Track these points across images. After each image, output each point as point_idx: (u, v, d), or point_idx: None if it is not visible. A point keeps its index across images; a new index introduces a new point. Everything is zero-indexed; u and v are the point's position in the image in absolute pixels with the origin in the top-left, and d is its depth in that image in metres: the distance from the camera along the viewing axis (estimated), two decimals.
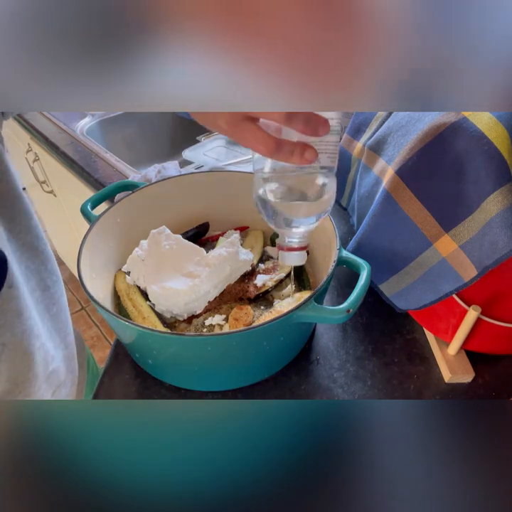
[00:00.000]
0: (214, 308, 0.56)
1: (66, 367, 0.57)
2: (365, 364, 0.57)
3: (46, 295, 0.51)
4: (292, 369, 0.56)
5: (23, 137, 1.27)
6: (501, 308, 0.50)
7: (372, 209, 0.56)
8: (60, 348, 0.55)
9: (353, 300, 0.44)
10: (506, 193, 0.43)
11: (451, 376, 0.54)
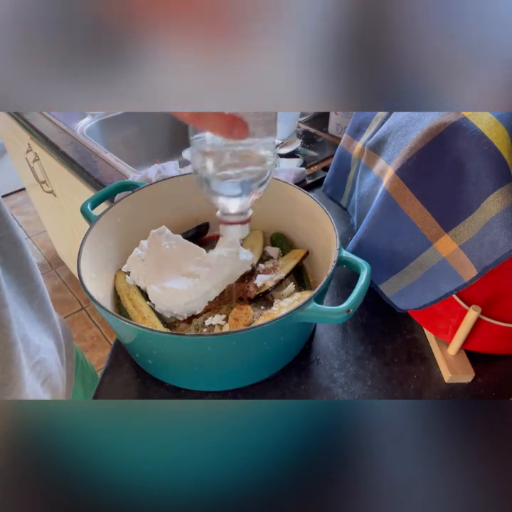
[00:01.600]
0: (214, 308, 0.56)
1: (54, 358, 0.57)
2: (365, 364, 0.57)
3: (28, 287, 0.51)
4: (292, 369, 0.56)
5: (23, 137, 1.27)
6: (501, 308, 0.50)
7: (372, 209, 0.56)
8: (45, 340, 0.55)
9: (353, 300, 0.44)
10: (506, 193, 0.43)
11: (451, 376, 0.54)
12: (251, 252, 0.59)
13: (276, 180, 0.63)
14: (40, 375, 0.54)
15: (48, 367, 0.55)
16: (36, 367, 0.53)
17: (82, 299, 1.88)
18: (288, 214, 0.65)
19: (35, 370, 0.52)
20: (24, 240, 0.51)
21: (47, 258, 2.08)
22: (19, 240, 0.50)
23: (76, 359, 0.68)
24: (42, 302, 0.54)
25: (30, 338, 0.51)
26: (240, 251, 0.56)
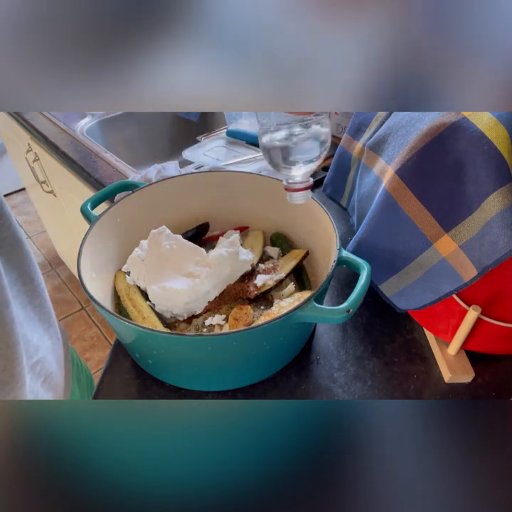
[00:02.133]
0: (214, 308, 0.56)
1: (54, 356, 0.57)
2: (365, 364, 0.57)
3: (29, 287, 0.52)
4: (292, 369, 0.56)
5: (23, 137, 1.27)
6: (501, 308, 0.50)
7: (372, 209, 0.56)
8: (45, 339, 0.55)
9: (353, 300, 0.44)
10: (506, 193, 0.43)
11: (451, 376, 0.54)
12: (251, 252, 0.59)
13: (276, 180, 0.63)
14: (40, 374, 0.54)
15: (47, 366, 0.55)
16: (36, 366, 0.53)
17: (82, 299, 1.88)
18: (288, 214, 0.65)
19: (34, 369, 0.52)
20: (25, 239, 0.51)
21: (47, 258, 2.08)
22: (21, 239, 0.50)
23: (72, 359, 0.69)
24: (43, 301, 0.55)
25: (29, 338, 0.51)
26: (239, 251, 0.56)
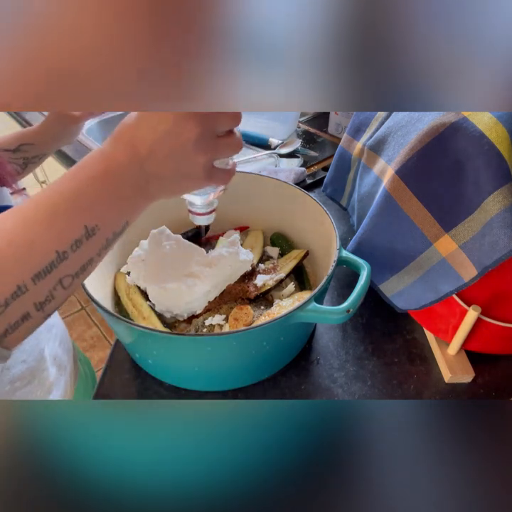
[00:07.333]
0: (214, 308, 0.56)
1: (63, 351, 0.62)
2: (365, 364, 0.57)
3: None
4: (292, 369, 0.56)
5: None
6: (501, 308, 0.50)
7: (373, 209, 0.56)
8: (53, 334, 0.59)
9: (353, 300, 0.44)
10: (506, 193, 0.43)
11: (451, 376, 0.54)
12: (251, 252, 0.59)
13: (276, 180, 0.63)
14: (56, 337, 0.60)
15: (60, 331, 0.62)
16: (51, 330, 0.59)
17: (82, 299, 1.88)
18: (288, 214, 0.65)
19: (51, 332, 0.58)
20: None
21: None
22: None
23: (78, 356, 0.70)
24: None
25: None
26: (239, 251, 0.56)
